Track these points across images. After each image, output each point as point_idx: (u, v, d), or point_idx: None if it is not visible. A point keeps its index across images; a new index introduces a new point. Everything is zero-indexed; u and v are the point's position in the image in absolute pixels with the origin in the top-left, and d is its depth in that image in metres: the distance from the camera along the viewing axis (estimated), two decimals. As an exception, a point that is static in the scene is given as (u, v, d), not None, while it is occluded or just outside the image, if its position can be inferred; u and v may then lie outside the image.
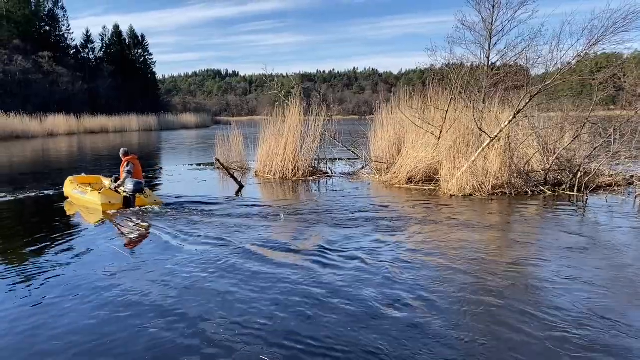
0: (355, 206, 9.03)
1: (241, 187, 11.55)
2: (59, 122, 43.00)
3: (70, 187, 9.73)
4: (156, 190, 11.31)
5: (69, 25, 65.91)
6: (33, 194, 10.29)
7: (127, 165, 8.95)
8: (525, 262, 5.58)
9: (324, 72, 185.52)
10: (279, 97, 14.57)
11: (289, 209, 8.88)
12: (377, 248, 6.17)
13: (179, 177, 14.03)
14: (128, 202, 8.85)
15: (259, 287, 4.80)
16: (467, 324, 3.93)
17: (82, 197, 9.19)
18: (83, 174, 10.76)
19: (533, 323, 3.92)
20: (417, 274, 5.17)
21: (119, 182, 9.08)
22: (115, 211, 8.58)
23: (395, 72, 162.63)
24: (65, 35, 65.91)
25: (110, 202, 8.71)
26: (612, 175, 10.91)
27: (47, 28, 62.98)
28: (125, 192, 8.92)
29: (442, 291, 4.64)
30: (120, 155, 9.25)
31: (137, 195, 8.94)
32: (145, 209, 8.70)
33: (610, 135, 10.59)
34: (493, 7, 15.08)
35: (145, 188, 9.26)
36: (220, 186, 12.10)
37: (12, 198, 9.90)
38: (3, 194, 10.25)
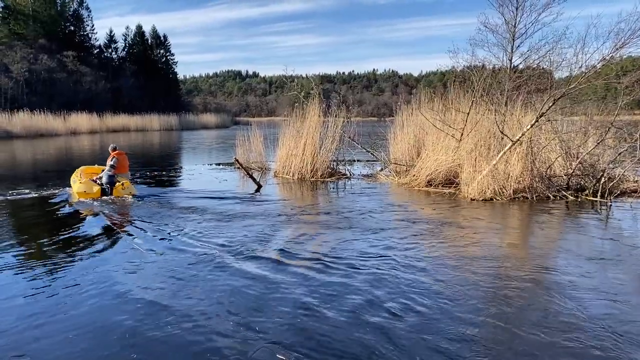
0: (373, 208, 8.98)
1: (259, 187, 11.60)
2: (82, 120, 43.77)
3: (72, 176, 10.64)
4: (175, 188, 11.53)
5: (93, 25, 67.57)
6: (57, 191, 10.47)
7: (112, 160, 10.00)
8: (545, 270, 5.46)
9: (343, 73, 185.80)
10: (298, 98, 14.61)
11: (306, 209, 8.88)
12: (394, 251, 6.13)
13: (199, 176, 14.18)
14: (105, 192, 9.77)
15: (273, 288, 4.80)
16: (480, 333, 3.88)
17: (73, 185, 10.15)
18: (96, 165, 11.42)
19: (548, 335, 3.82)
20: (434, 279, 5.11)
21: (100, 174, 10.17)
22: (88, 199, 9.50)
23: (416, 74, 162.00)
24: (90, 35, 67.51)
25: (85, 191, 9.64)
26: (637, 181, 10.66)
27: (72, 28, 64.46)
28: (101, 183, 9.92)
29: (459, 297, 4.58)
30: (109, 150, 10.30)
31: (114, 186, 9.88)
32: (132, 200, 9.56)
33: (635, 140, 10.35)
34: (516, 9, 14.93)
35: (126, 180, 10.09)
36: (239, 186, 12.17)
37: (36, 195, 10.10)
38: (27, 191, 10.47)
